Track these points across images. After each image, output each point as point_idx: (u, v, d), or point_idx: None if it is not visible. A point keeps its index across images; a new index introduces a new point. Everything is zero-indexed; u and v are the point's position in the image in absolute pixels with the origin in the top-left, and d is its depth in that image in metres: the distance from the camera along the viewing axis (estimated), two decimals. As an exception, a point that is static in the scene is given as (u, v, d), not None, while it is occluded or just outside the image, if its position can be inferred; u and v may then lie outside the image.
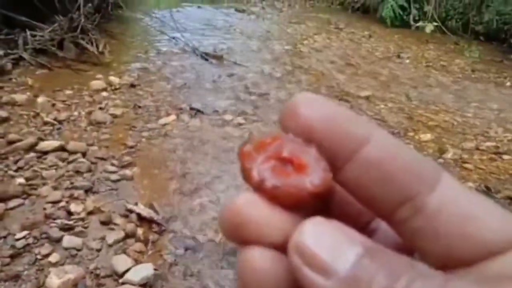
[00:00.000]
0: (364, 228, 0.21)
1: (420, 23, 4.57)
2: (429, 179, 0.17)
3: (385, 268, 0.15)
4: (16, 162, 1.55)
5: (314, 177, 0.17)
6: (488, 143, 2.17)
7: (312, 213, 0.17)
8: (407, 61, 3.62)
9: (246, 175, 0.18)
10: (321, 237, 0.16)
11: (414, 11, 4.69)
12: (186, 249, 1.32)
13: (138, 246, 1.27)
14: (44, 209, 1.35)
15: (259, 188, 0.17)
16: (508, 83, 3.24)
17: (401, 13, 4.72)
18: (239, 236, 0.17)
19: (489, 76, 3.38)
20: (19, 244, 1.19)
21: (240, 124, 2.15)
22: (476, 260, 0.16)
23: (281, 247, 0.17)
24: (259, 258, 0.17)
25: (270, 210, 0.17)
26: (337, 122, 0.18)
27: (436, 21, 4.53)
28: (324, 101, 0.18)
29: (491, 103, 2.79)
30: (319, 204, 0.18)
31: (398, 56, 3.69)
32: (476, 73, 3.43)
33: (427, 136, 2.20)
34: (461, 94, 2.92)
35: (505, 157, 2.04)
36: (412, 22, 4.65)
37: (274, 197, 0.17)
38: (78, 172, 1.56)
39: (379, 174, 0.17)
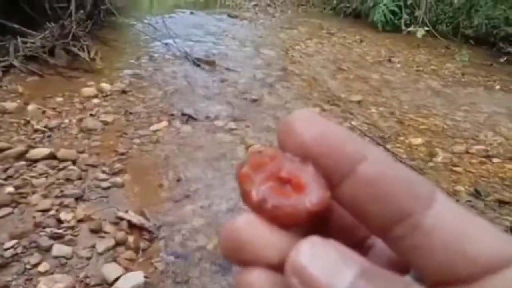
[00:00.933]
0: (361, 243, 0.21)
1: (411, 28, 4.61)
2: (424, 198, 0.17)
3: (383, 283, 0.15)
4: (5, 170, 1.54)
5: (312, 196, 0.18)
6: (478, 147, 2.20)
7: (311, 230, 0.17)
8: (398, 65, 3.65)
9: (245, 196, 0.18)
10: (317, 257, 0.16)
11: (405, 16, 4.74)
12: (177, 256, 1.32)
13: (129, 254, 1.26)
14: (34, 217, 1.34)
15: (258, 208, 0.18)
16: (498, 87, 3.28)
17: (392, 18, 4.77)
18: (238, 257, 0.17)
19: (478, 80, 3.42)
20: (8, 253, 1.18)
21: (231, 130, 2.15)
22: (472, 277, 0.16)
23: (280, 268, 0.17)
24: (257, 280, 0.17)
25: (269, 231, 0.17)
26: (333, 140, 0.18)
27: (427, 26, 4.58)
28: (320, 119, 0.19)
29: (481, 107, 2.82)
30: (318, 222, 0.18)
31: (389, 61, 3.73)
32: (466, 77, 3.47)
33: (418, 140, 2.22)
34: (452, 98, 2.95)
35: (495, 160, 2.06)
36: (403, 27, 4.69)
37: (274, 217, 0.17)
38: (68, 180, 1.55)
39: (375, 192, 0.17)
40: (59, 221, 1.33)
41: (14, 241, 1.22)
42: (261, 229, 0.17)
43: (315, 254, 0.16)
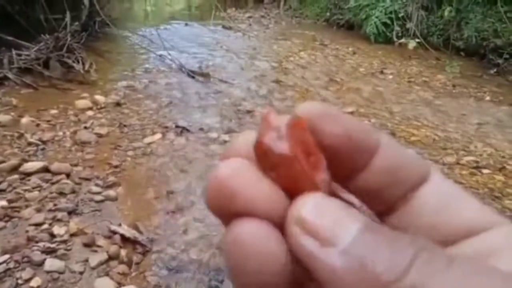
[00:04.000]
0: None
1: (402, 40, 4.69)
2: (421, 175, 0.19)
3: (387, 242, 0.14)
4: (-2, 184, 1.55)
5: (323, 176, 0.17)
6: (468, 158, 2.23)
7: None
8: (390, 76, 3.70)
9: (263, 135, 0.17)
10: (322, 210, 0.16)
11: (396, 28, 4.82)
12: (170, 269, 1.32)
13: (122, 268, 1.27)
14: (27, 231, 1.34)
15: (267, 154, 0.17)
16: (488, 98, 3.34)
17: (384, 29, 4.85)
18: (227, 209, 0.16)
19: (469, 91, 3.47)
20: (0, 268, 1.18)
21: (225, 142, 2.17)
22: (453, 240, 0.18)
23: (275, 222, 0.16)
24: (248, 232, 0.16)
25: (264, 181, 0.16)
26: (355, 137, 0.18)
27: (418, 38, 4.66)
28: (332, 113, 0.18)
29: (472, 118, 2.87)
30: None
31: (382, 72, 3.78)
32: (457, 88, 3.52)
33: (409, 152, 2.25)
34: (443, 109, 3.00)
35: (484, 171, 2.09)
36: (395, 39, 4.77)
37: (277, 171, 0.16)
38: (61, 194, 1.55)
39: (387, 178, 0.19)
40: (52, 235, 1.33)
41: (6, 256, 1.22)
42: (255, 178, 0.16)
43: (320, 208, 0.16)
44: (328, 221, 0.15)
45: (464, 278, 0.13)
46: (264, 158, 0.17)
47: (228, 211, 0.16)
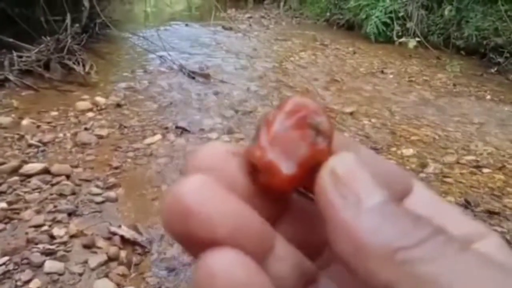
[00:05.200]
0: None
1: (403, 39, 4.68)
2: (405, 187, 0.20)
3: (410, 216, 0.15)
4: (-2, 186, 1.55)
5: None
6: (469, 157, 2.22)
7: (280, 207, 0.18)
8: (391, 76, 3.70)
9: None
10: (356, 170, 0.16)
11: (397, 27, 4.82)
12: (170, 270, 1.32)
13: (121, 269, 1.27)
14: (26, 233, 1.34)
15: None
16: (488, 97, 3.33)
17: (384, 29, 4.84)
18: (185, 231, 0.14)
19: (470, 90, 3.47)
20: None
21: (226, 142, 2.17)
22: None
23: (245, 247, 0.15)
24: (223, 262, 0.14)
25: (230, 197, 0.15)
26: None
27: (418, 37, 4.65)
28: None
29: (472, 117, 2.86)
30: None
31: (382, 72, 3.77)
32: (458, 87, 3.52)
33: (409, 151, 2.24)
34: (443, 108, 2.99)
35: (485, 170, 2.08)
36: (395, 38, 4.76)
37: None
38: (61, 195, 1.56)
39: None
40: (52, 237, 1.33)
41: (6, 258, 1.22)
42: (220, 194, 0.15)
43: (353, 166, 0.16)
44: (359, 181, 0.16)
45: (474, 266, 0.14)
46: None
47: (185, 236, 0.15)
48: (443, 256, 0.14)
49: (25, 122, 2.07)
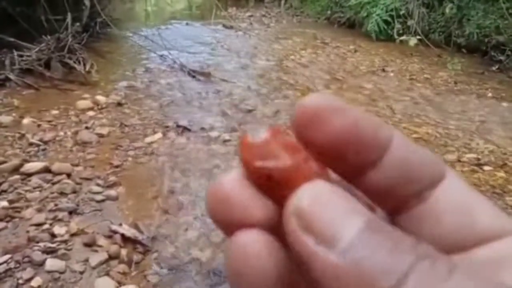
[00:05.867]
0: None
1: (404, 37, 4.67)
2: (435, 175, 0.18)
3: (389, 244, 0.13)
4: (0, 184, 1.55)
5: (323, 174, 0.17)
6: (470, 155, 2.22)
7: None
8: (392, 74, 3.69)
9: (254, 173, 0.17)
10: (323, 202, 0.15)
11: (398, 25, 4.80)
12: (171, 269, 1.32)
13: (122, 267, 1.27)
14: (27, 232, 1.34)
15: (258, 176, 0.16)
16: (490, 94, 3.32)
17: (385, 27, 4.83)
18: (225, 218, 0.16)
19: (471, 88, 3.46)
20: (1, 268, 1.18)
21: (226, 141, 2.17)
22: (467, 246, 0.18)
23: (274, 230, 0.16)
24: (251, 241, 0.16)
25: (257, 190, 0.17)
26: (365, 132, 0.17)
27: (419, 35, 4.64)
28: (345, 108, 0.17)
29: (473, 115, 2.85)
30: None
31: (383, 70, 3.77)
32: (459, 85, 3.51)
33: (410, 149, 2.24)
34: (444, 106, 2.99)
35: (486, 168, 2.08)
36: (396, 36, 4.75)
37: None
38: (62, 194, 1.56)
39: (398, 176, 0.18)
40: (53, 235, 1.33)
41: (7, 256, 1.22)
42: (250, 188, 0.17)
43: (321, 199, 0.15)
44: (329, 215, 0.14)
45: None
46: (258, 178, 0.16)
47: (226, 222, 0.17)
48: (432, 286, 0.13)
49: (26, 121, 2.08)
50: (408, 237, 0.14)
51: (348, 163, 0.18)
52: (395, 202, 0.19)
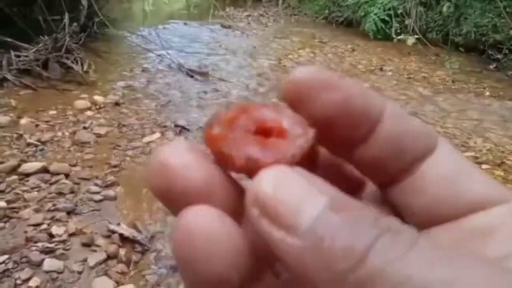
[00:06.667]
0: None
1: (401, 36, 4.68)
2: (428, 147, 0.18)
3: (349, 222, 0.13)
4: (-3, 185, 1.55)
5: (298, 140, 0.16)
6: (468, 153, 2.22)
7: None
8: (389, 73, 3.70)
9: (224, 161, 0.16)
10: (282, 185, 0.14)
11: (395, 25, 4.81)
12: (169, 268, 1.32)
13: (120, 267, 1.27)
14: (25, 232, 1.34)
15: (246, 170, 0.16)
16: (487, 93, 3.33)
17: (383, 26, 4.83)
18: (169, 191, 0.15)
19: (469, 87, 3.47)
20: (-1, 269, 1.18)
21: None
22: (455, 216, 0.17)
23: (226, 205, 0.15)
24: (198, 218, 0.14)
25: (209, 159, 0.15)
26: (356, 104, 0.17)
27: (417, 34, 4.64)
28: (335, 80, 0.17)
29: (471, 113, 2.86)
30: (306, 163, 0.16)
31: (381, 69, 3.77)
32: (457, 84, 3.52)
33: (408, 148, 2.24)
34: (442, 105, 2.99)
35: (484, 166, 2.09)
36: (394, 35, 4.76)
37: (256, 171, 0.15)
38: (60, 194, 1.56)
39: (390, 149, 0.18)
40: (51, 236, 1.33)
41: (5, 256, 1.22)
42: (200, 157, 0.15)
43: (280, 183, 0.14)
44: (289, 199, 0.14)
45: (424, 264, 0.12)
46: (246, 172, 0.16)
47: (170, 194, 0.15)
48: (390, 263, 0.12)
49: (23, 121, 2.07)
50: (371, 212, 0.14)
51: (338, 138, 0.17)
52: (387, 175, 0.18)
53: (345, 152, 0.18)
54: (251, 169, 0.15)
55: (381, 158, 0.18)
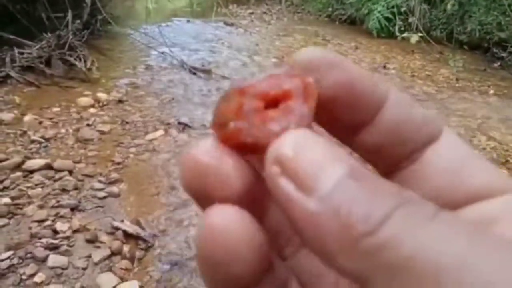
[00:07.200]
0: None
1: (405, 34, 4.66)
2: (431, 134, 0.18)
3: (369, 191, 0.13)
4: (1, 181, 1.55)
5: (300, 109, 0.16)
6: (472, 152, 2.22)
7: None
8: (393, 71, 3.68)
9: (252, 149, 0.16)
10: (305, 149, 0.14)
11: (399, 22, 4.79)
12: (173, 264, 1.33)
13: (124, 263, 1.27)
14: (30, 228, 1.35)
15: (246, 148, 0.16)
16: (491, 91, 3.31)
17: (386, 24, 4.81)
18: (201, 188, 0.15)
19: (473, 85, 3.45)
20: (4, 264, 1.18)
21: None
22: (459, 204, 0.17)
23: (251, 203, 0.15)
24: (226, 217, 0.14)
25: (236, 157, 0.16)
26: (359, 87, 0.17)
27: (421, 32, 4.62)
28: (340, 61, 0.17)
29: (475, 112, 2.85)
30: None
31: (384, 67, 3.76)
32: (460, 82, 3.50)
33: (412, 146, 2.24)
34: (446, 103, 2.98)
35: (488, 165, 2.08)
36: (397, 33, 4.74)
37: (252, 149, 0.15)
38: (64, 190, 1.56)
39: (392, 135, 0.17)
40: (55, 232, 1.34)
41: (10, 252, 1.22)
42: (227, 155, 0.16)
43: (302, 146, 0.14)
44: (310, 162, 0.14)
45: (444, 236, 0.12)
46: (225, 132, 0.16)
47: (202, 192, 0.16)
48: (408, 232, 0.12)
49: (27, 118, 2.08)
50: (392, 184, 0.14)
51: (340, 121, 0.17)
52: (389, 161, 0.18)
53: (347, 137, 0.18)
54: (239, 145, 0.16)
55: (382, 144, 0.18)
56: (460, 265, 0.11)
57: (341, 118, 0.17)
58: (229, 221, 0.14)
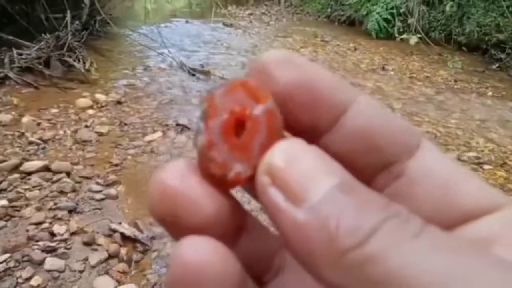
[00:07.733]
0: None
1: (404, 35, 4.66)
2: (408, 145, 0.17)
3: (358, 204, 0.13)
4: (-1, 183, 1.55)
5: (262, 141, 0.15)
6: (470, 154, 2.22)
7: None
8: (392, 73, 3.68)
9: (219, 182, 0.15)
10: (296, 160, 0.14)
11: (398, 24, 4.80)
12: (170, 267, 1.32)
13: (121, 266, 1.27)
14: (27, 231, 1.34)
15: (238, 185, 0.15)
16: (490, 93, 3.32)
17: (385, 25, 4.82)
18: (170, 215, 0.15)
19: (471, 87, 3.45)
20: (0, 267, 1.18)
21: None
22: (452, 225, 0.16)
23: (223, 233, 0.15)
24: (200, 250, 0.14)
25: (206, 186, 0.15)
26: (318, 88, 0.16)
27: (419, 33, 4.63)
28: (303, 60, 0.17)
29: (473, 113, 2.85)
30: None
31: (383, 68, 3.76)
32: (459, 84, 3.51)
33: (410, 148, 2.24)
34: (444, 105, 2.98)
35: (486, 167, 2.08)
36: (396, 34, 4.74)
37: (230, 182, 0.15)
38: (62, 192, 1.56)
39: (360, 142, 0.17)
40: (52, 234, 1.33)
41: (6, 255, 1.22)
42: (198, 179, 0.15)
43: (294, 156, 0.14)
44: (301, 172, 0.14)
45: (429, 252, 0.12)
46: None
47: (170, 220, 0.15)
48: (394, 247, 0.12)
49: (25, 119, 2.07)
50: (381, 197, 0.14)
51: (301, 122, 0.17)
52: (361, 171, 0.17)
53: (311, 141, 0.17)
54: (241, 182, 0.15)
55: (352, 151, 0.17)
56: (446, 282, 0.11)
57: (301, 119, 0.17)
58: (203, 255, 0.14)
